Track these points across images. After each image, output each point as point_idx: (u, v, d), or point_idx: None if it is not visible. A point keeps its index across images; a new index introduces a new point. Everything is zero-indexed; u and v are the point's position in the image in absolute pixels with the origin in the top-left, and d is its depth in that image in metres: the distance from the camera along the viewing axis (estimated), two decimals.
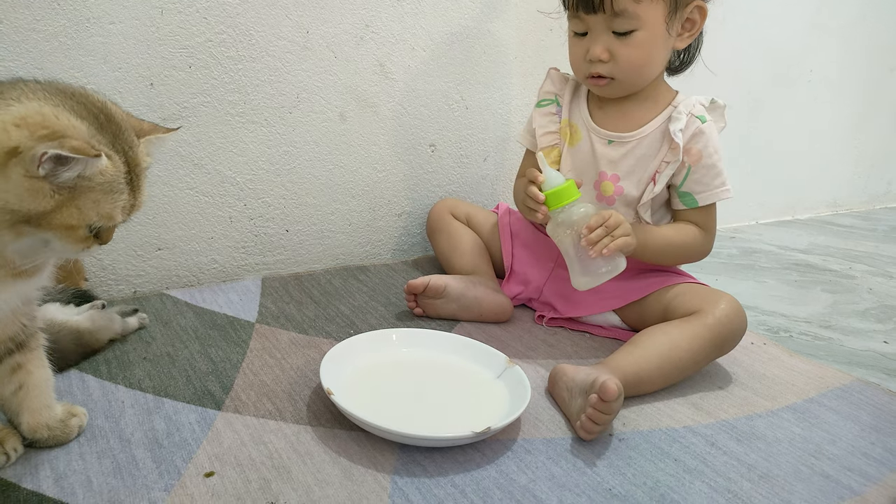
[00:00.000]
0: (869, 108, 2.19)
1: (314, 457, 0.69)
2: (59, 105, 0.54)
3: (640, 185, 0.99)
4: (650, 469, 0.72)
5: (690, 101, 0.98)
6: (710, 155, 0.97)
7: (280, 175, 1.15)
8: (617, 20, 0.91)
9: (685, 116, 0.96)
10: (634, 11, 0.90)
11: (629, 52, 0.93)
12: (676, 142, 0.95)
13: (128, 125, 0.59)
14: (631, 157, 0.99)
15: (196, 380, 0.81)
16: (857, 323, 1.23)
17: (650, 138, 0.99)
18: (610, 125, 1.01)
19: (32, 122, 0.51)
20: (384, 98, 1.23)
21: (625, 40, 0.92)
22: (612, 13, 0.90)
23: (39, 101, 0.53)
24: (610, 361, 0.85)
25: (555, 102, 1.07)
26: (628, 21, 0.91)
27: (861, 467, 0.75)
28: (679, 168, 0.97)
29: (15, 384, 0.64)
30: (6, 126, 0.51)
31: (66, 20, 0.91)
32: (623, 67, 0.94)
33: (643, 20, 0.91)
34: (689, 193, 0.99)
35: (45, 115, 0.52)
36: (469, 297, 1.03)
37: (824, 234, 1.91)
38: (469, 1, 1.27)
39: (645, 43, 0.92)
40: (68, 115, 0.54)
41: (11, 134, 0.50)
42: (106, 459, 0.66)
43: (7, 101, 0.52)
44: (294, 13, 1.09)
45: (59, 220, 0.53)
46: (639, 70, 0.95)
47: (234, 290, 1.09)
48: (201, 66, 1.03)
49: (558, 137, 1.06)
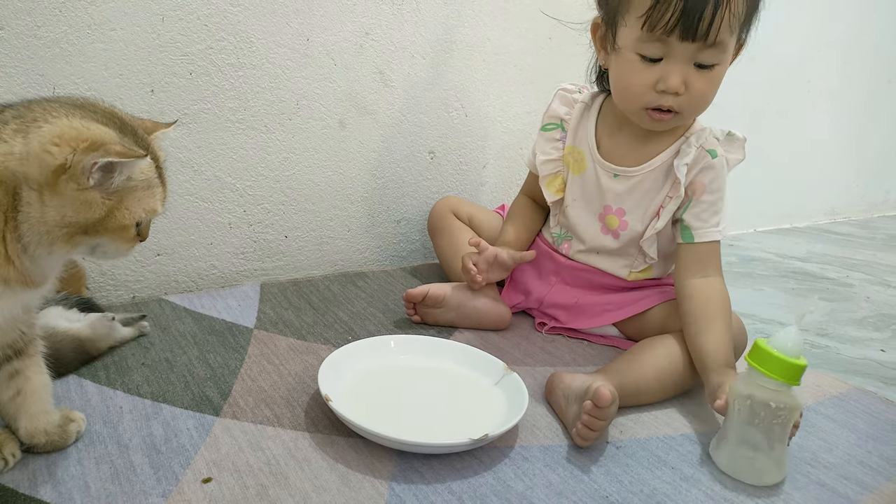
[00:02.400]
0: (868, 118, 2.20)
1: (312, 463, 0.69)
2: (83, 117, 0.55)
3: (645, 219, 0.97)
4: (647, 477, 0.72)
5: (705, 133, 0.94)
6: (712, 191, 0.93)
7: (279, 181, 1.16)
8: (707, 52, 0.83)
9: (695, 150, 0.92)
10: (727, 44, 0.83)
11: (704, 87, 0.86)
12: (679, 178, 0.92)
13: (137, 124, 0.61)
14: (637, 192, 0.97)
15: (194, 385, 0.81)
16: (855, 331, 1.23)
17: (657, 172, 0.96)
18: (617, 158, 0.98)
19: (70, 138, 0.53)
20: (384, 105, 1.23)
21: (705, 73, 0.85)
22: (708, 43, 0.82)
23: (65, 116, 0.54)
24: (608, 370, 0.85)
25: (559, 128, 1.04)
26: (718, 54, 0.84)
27: (857, 476, 0.75)
28: (682, 200, 0.94)
29: (13, 390, 0.64)
30: (46, 146, 0.52)
31: (68, 27, 0.91)
32: (693, 102, 0.87)
33: (727, 55, 0.85)
34: (687, 227, 0.94)
35: (78, 128, 0.54)
36: (468, 306, 1.03)
37: (822, 242, 1.92)
38: (468, 9, 1.27)
39: (719, 78, 0.86)
40: (96, 125, 0.55)
41: (54, 153, 0.52)
42: (104, 465, 0.66)
43: (36, 124, 0.53)
44: (294, 21, 1.09)
45: (112, 223, 0.56)
46: (704, 106, 0.89)
47: (233, 295, 1.09)
48: (202, 73, 1.03)
49: (560, 165, 1.04)
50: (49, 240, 0.55)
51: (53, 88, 0.92)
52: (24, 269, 0.56)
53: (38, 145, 0.52)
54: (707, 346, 0.84)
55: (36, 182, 0.53)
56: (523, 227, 1.10)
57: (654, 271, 1.02)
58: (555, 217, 1.07)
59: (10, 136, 0.53)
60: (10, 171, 0.52)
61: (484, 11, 1.29)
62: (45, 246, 0.55)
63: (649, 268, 1.02)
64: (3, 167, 0.52)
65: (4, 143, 0.52)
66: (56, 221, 0.54)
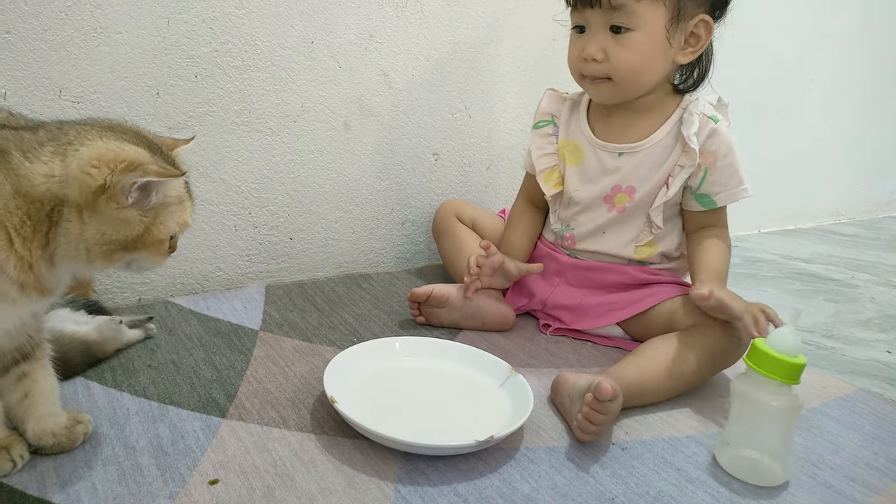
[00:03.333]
0: (871, 118, 2.19)
1: (318, 465, 0.69)
2: (115, 138, 0.58)
3: (653, 190, 0.99)
4: (653, 478, 0.72)
5: (700, 103, 0.98)
6: (724, 155, 0.96)
7: (284, 183, 1.16)
8: (615, 15, 0.91)
9: (697, 118, 0.96)
10: (633, 8, 0.90)
11: (624, 54, 0.92)
12: (692, 146, 0.94)
13: (160, 142, 0.63)
14: (644, 166, 0.99)
15: (200, 387, 0.82)
16: (860, 332, 1.23)
17: (662, 143, 0.99)
18: (615, 138, 1.01)
19: (108, 159, 0.55)
20: (388, 107, 1.24)
21: (620, 40, 0.92)
22: (609, 7, 0.90)
23: (99, 138, 0.57)
24: (613, 370, 0.85)
25: (551, 123, 1.08)
26: (626, 17, 0.90)
27: (864, 477, 0.75)
28: (695, 171, 0.96)
29: (21, 392, 0.65)
30: (86, 169, 0.55)
31: (74, 30, 0.92)
32: (617, 69, 0.93)
33: (641, 20, 0.90)
34: (706, 195, 0.98)
35: (114, 149, 0.56)
36: (472, 306, 1.03)
37: (827, 243, 1.91)
38: (472, 11, 1.28)
39: (641, 46, 0.92)
40: (129, 145, 0.58)
41: (94, 174, 0.55)
42: (111, 466, 0.66)
43: (73, 147, 0.56)
44: (299, 23, 1.09)
45: (149, 239, 0.59)
46: (634, 75, 0.94)
47: (239, 297, 1.09)
48: (207, 75, 1.03)
49: (556, 159, 1.06)
50: (88, 257, 0.57)
51: (59, 91, 0.92)
52: (42, 278, 0.58)
53: (77, 168, 0.55)
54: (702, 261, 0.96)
55: (75, 203, 0.55)
56: (524, 232, 1.11)
57: (659, 246, 1.02)
58: (554, 213, 1.08)
59: (48, 157, 0.55)
60: (51, 193, 0.55)
61: (487, 13, 1.29)
62: (84, 262, 0.58)
63: (653, 242, 1.02)
64: (45, 189, 0.55)
65: (44, 164, 0.55)
66: (96, 239, 0.56)
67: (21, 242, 0.55)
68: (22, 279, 0.56)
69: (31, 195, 0.54)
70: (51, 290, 0.59)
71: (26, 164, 0.54)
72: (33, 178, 0.54)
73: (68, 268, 0.60)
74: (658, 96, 0.99)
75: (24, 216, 0.55)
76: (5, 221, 0.54)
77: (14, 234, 0.55)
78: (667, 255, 1.04)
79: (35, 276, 0.57)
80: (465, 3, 1.26)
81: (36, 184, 0.54)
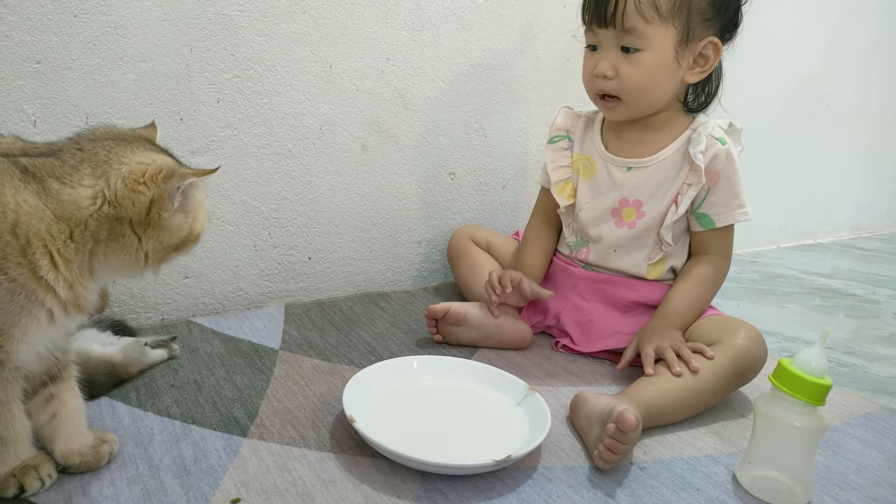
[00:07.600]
0: (891, 132, 2.18)
1: (337, 484, 0.70)
2: (138, 149, 0.61)
3: (662, 208, 1.01)
4: (672, 499, 0.71)
5: (710, 125, 1.00)
6: (728, 177, 0.98)
7: (303, 204, 1.18)
8: (627, 37, 0.93)
9: (705, 139, 0.98)
10: (643, 31, 0.92)
11: (633, 73, 0.95)
12: (697, 164, 0.96)
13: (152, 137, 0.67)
14: (651, 181, 1.01)
15: (222, 406, 0.83)
16: (882, 349, 1.21)
17: (669, 161, 1.01)
18: (626, 153, 1.04)
19: (151, 173, 0.60)
20: (405, 128, 1.25)
21: (630, 59, 0.94)
22: (622, 29, 0.93)
23: (130, 153, 0.60)
24: (632, 391, 0.85)
25: (566, 138, 1.11)
26: (636, 39, 0.93)
27: (887, 498, 0.74)
28: (700, 190, 0.98)
29: (49, 413, 0.66)
30: (134, 186, 0.59)
31: (101, 59, 0.95)
32: (626, 86, 0.96)
33: (651, 42, 0.93)
34: (705, 215, 1.00)
35: (148, 161, 0.61)
36: (489, 324, 1.04)
37: (847, 258, 1.89)
38: (486, 33, 1.29)
39: (650, 66, 0.94)
40: (154, 154, 0.62)
41: (142, 190, 0.59)
42: (136, 486, 0.67)
43: (111, 166, 0.59)
44: (318, 49, 1.12)
45: (193, 235, 0.65)
46: (642, 92, 0.97)
47: (259, 317, 1.11)
48: (229, 100, 1.06)
49: (570, 171, 1.09)
50: (146, 263, 0.62)
51: (86, 118, 0.95)
52: (80, 296, 0.61)
53: (124, 186, 0.58)
54: (669, 297, 0.99)
55: (127, 218, 0.59)
56: (540, 251, 1.13)
57: (668, 262, 1.03)
58: (568, 226, 1.10)
59: (90, 181, 0.58)
60: (100, 214, 0.58)
61: (502, 35, 1.31)
62: (139, 269, 0.62)
63: (664, 259, 1.03)
64: (93, 211, 0.58)
65: (88, 188, 0.58)
66: (156, 248, 0.61)
67: (65, 265, 0.58)
68: (67, 298, 0.59)
69: (76, 218, 0.58)
70: (87, 306, 0.62)
71: (68, 190, 0.57)
72: (80, 202, 0.58)
73: (108, 279, 0.64)
74: (669, 114, 1.01)
75: (67, 239, 0.58)
76: (50, 246, 0.57)
77: (58, 257, 0.58)
78: (677, 271, 1.04)
79: (75, 294, 0.60)
80: (480, 26, 1.28)
81: (83, 207, 0.58)
